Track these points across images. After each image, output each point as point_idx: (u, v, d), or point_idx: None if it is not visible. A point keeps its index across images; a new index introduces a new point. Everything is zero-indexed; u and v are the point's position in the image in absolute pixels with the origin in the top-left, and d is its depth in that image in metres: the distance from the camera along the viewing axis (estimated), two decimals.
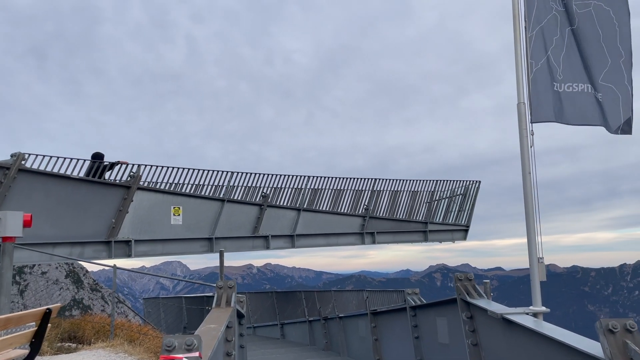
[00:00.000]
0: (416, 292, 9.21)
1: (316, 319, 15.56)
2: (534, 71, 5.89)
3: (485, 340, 6.00)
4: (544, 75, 5.87)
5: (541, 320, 5.37)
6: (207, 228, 14.36)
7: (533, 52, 5.91)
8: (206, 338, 4.58)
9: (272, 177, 15.97)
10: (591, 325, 12.37)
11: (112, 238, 12.45)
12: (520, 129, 5.91)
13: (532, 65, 5.91)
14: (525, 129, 5.90)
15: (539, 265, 5.68)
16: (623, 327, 3.69)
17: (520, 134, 5.91)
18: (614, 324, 3.69)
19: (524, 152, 5.86)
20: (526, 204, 5.77)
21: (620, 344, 3.64)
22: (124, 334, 9.72)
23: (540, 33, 5.92)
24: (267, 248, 15.51)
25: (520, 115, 5.91)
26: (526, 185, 5.78)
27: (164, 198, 13.56)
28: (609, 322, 3.70)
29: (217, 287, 6.72)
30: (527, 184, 5.77)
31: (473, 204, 19.28)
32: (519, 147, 5.88)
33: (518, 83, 5.95)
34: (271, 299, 20.95)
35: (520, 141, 5.89)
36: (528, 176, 5.79)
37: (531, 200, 5.75)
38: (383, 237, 17.88)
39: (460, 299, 6.46)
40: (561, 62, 5.92)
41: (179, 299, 20.98)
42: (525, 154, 5.85)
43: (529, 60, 5.93)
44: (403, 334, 9.13)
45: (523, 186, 5.79)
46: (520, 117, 5.92)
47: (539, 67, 5.87)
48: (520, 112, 5.92)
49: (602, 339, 3.72)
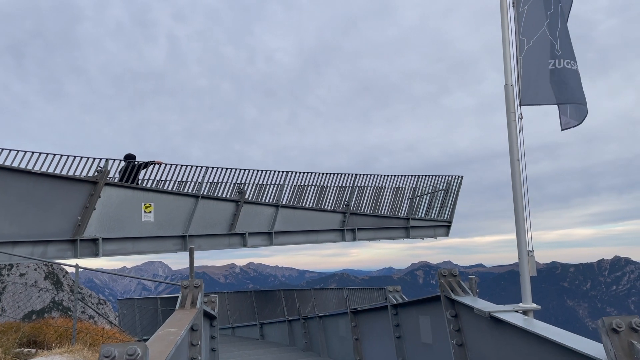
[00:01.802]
0: (397, 289, 8.85)
1: (296, 318, 15.18)
2: (526, 49, 5.45)
3: (472, 340, 5.58)
4: (537, 53, 5.43)
5: (532, 319, 4.97)
6: (180, 225, 13.75)
7: (524, 28, 5.46)
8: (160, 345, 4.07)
9: (251, 173, 15.43)
10: (571, 320, 11.94)
11: (78, 236, 11.76)
12: (508, 112, 5.47)
13: (523, 43, 5.47)
14: (513, 112, 5.46)
15: (528, 259, 5.26)
16: (628, 326, 3.26)
17: (507, 117, 5.47)
18: (618, 323, 3.26)
19: (512, 137, 5.43)
20: (515, 193, 5.34)
21: (625, 344, 3.21)
22: (88, 339, 9.13)
23: (533, 8, 5.46)
24: (244, 246, 14.97)
25: (508, 97, 5.47)
26: (515, 174, 5.35)
27: (134, 194, 12.91)
28: (612, 321, 3.27)
29: (182, 286, 6.20)
30: (516, 172, 5.35)
31: (455, 200, 18.96)
32: (507, 132, 5.45)
33: (505, 63, 5.51)
34: (250, 298, 20.48)
35: (508, 126, 5.46)
36: (517, 163, 5.36)
37: (520, 189, 5.33)
38: (364, 234, 17.46)
39: (445, 297, 6.04)
40: (557, 37, 5.48)
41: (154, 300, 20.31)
42: (513, 139, 5.42)
43: (520, 37, 5.49)
44: (384, 333, 8.78)
45: (511, 174, 5.37)
46: (508, 99, 5.47)
47: (531, 44, 5.43)
48: (508, 94, 5.48)
49: (605, 339, 3.29)
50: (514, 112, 5.45)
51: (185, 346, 5.26)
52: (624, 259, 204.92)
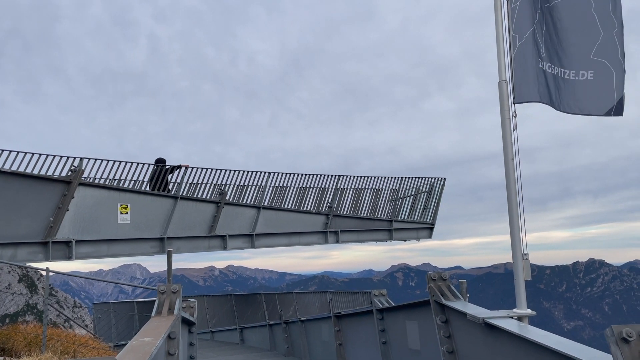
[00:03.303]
0: (383, 293, 8.65)
1: (277, 322, 14.89)
2: (518, 46, 5.26)
3: (464, 348, 5.35)
4: (529, 50, 5.25)
5: (528, 325, 4.75)
6: (158, 227, 13.30)
7: (517, 24, 5.28)
8: (134, 356, 3.74)
9: (232, 174, 15.06)
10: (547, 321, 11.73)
11: (50, 238, 11.25)
12: (502, 109, 5.27)
13: (515, 39, 5.28)
14: (507, 109, 5.26)
15: (523, 263, 5.05)
16: (638, 335, 3.05)
17: (502, 115, 5.27)
18: (628, 332, 3.03)
19: (506, 136, 5.23)
20: (509, 193, 5.13)
21: (636, 354, 3.00)
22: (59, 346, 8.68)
23: (524, 4, 5.28)
24: (225, 248, 14.58)
25: (502, 94, 5.27)
26: (509, 173, 5.15)
27: (110, 194, 12.43)
28: (622, 330, 3.04)
29: (159, 292, 5.83)
30: (510, 172, 5.14)
31: (438, 202, 18.85)
32: (501, 130, 5.25)
33: (499, 59, 5.31)
34: (230, 302, 20.08)
35: (502, 124, 5.26)
36: (511, 162, 5.15)
37: (514, 190, 5.13)
38: (347, 236, 17.21)
39: (435, 301, 5.81)
40: (542, 39, 5.31)
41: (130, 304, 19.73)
42: (507, 138, 5.22)
43: (512, 34, 5.29)
44: (369, 338, 8.56)
45: (505, 174, 5.16)
46: (502, 96, 5.28)
47: (524, 41, 5.24)
48: (501, 91, 5.28)
49: (614, 349, 3.07)
50: (508, 109, 5.26)
51: (161, 356, 4.92)
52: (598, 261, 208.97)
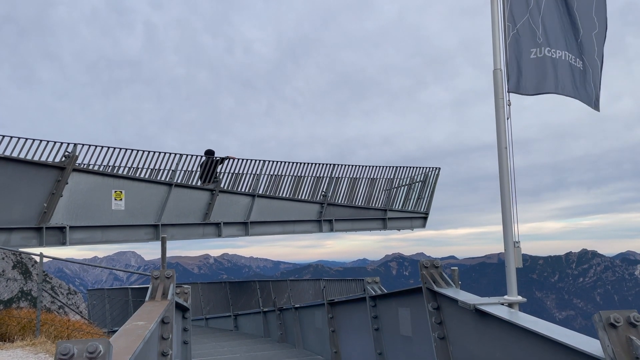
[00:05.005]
0: (376, 280, 8.68)
1: (271, 309, 14.96)
2: (511, 35, 5.26)
3: (454, 334, 5.41)
4: (521, 41, 5.25)
5: (518, 311, 4.80)
6: (152, 214, 13.30)
7: (510, 13, 5.27)
8: (127, 339, 3.75)
9: (227, 161, 15.07)
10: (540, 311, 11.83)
11: (44, 224, 11.22)
12: (496, 98, 5.27)
13: (509, 28, 5.28)
14: (501, 98, 5.27)
15: (514, 250, 5.09)
16: (626, 321, 3.08)
17: (496, 104, 5.28)
18: (616, 317, 3.06)
19: (499, 124, 5.24)
20: (502, 182, 5.16)
21: (624, 340, 3.03)
22: (53, 331, 8.71)
23: None
24: (219, 236, 14.60)
25: (497, 82, 5.28)
26: (502, 162, 5.17)
27: (104, 181, 12.40)
28: (610, 315, 3.07)
29: (153, 277, 5.86)
30: (503, 160, 5.16)
31: (433, 191, 18.91)
32: (495, 118, 5.26)
33: (495, 47, 5.30)
34: (224, 289, 20.15)
35: (496, 112, 5.27)
36: (504, 151, 5.17)
37: (507, 178, 5.15)
38: (341, 225, 17.27)
39: (427, 288, 5.85)
40: (540, 24, 5.31)
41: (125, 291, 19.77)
42: (501, 126, 5.23)
43: (506, 22, 5.28)
44: (362, 325, 8.61)
45: (499, 163, 5.18)
46: (496, 84, 5.28)
47: (515, 31, 5.24)
48: (496, 80, 5.28)
49: (601, 334, 3.10)
50: (502, 98, 5.27)
51: (155, 340, 4.95)
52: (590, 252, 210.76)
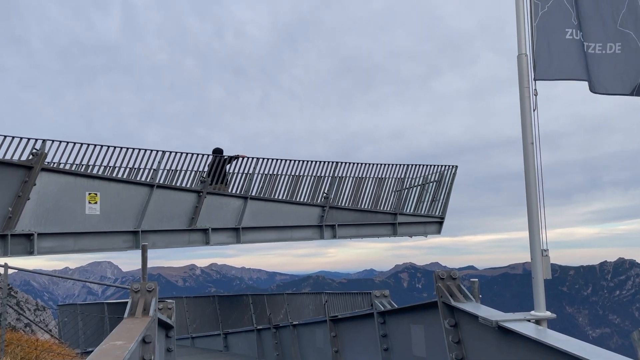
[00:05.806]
0: (385, 294, 8.76)
1: (266, 327, 15.03)
2: (540, 15, 5.27)
3: (474, 354, 5.43)
4: (553, 20, 5.26)
5: (546, 329, 4.82)
6: (131, 219, 13.32)
7: None
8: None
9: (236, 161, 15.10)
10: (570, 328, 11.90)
11: (9, 231, 11.23)
12: (521, 87, 5.29)
13: (537, 7, 5.29)
14: (527, 87, 5.28)
15: (542, 260, 5.10)
16: None
17: (520, 93, 5.30)
18: None
19: (525, 116, 5.25)
20: (527, 182, 5.18)
21: None
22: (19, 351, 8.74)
23: None
24: (207, 243, 14.63)
25: (522, 69, 5.29)
26: (528, 159, 5.18)
27: (77, 182, 12.41)
28: None
29: (132, 290, 5.88)
30: (529, 157, 5.17)
31: (449, 192, 18.91)
32: (519, 109, 5.27)
33: (519, 29, 5.32)
34: (213, 304, 20.21)
35: (521, 102, 5.28)
36: (530, 147, 5.19)
37: (534, 178, 5.17)
38: (345, 231, 17.27)
39: (443, 303, 5.88)
40: (574, 5, 5.32)
41: (100, 306, 19.82)
42: (527, 119, 5.24)
43: (534, 1, 5.30)
44: (369, 344, 8.68)
45: (524, 161, 5.20)
46: (521, 72, 5.29)
47: (546, 10, 5.25)
48: (521, 66, 5.30)
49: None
50: (527, 86, 5.27)
51: None
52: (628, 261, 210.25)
